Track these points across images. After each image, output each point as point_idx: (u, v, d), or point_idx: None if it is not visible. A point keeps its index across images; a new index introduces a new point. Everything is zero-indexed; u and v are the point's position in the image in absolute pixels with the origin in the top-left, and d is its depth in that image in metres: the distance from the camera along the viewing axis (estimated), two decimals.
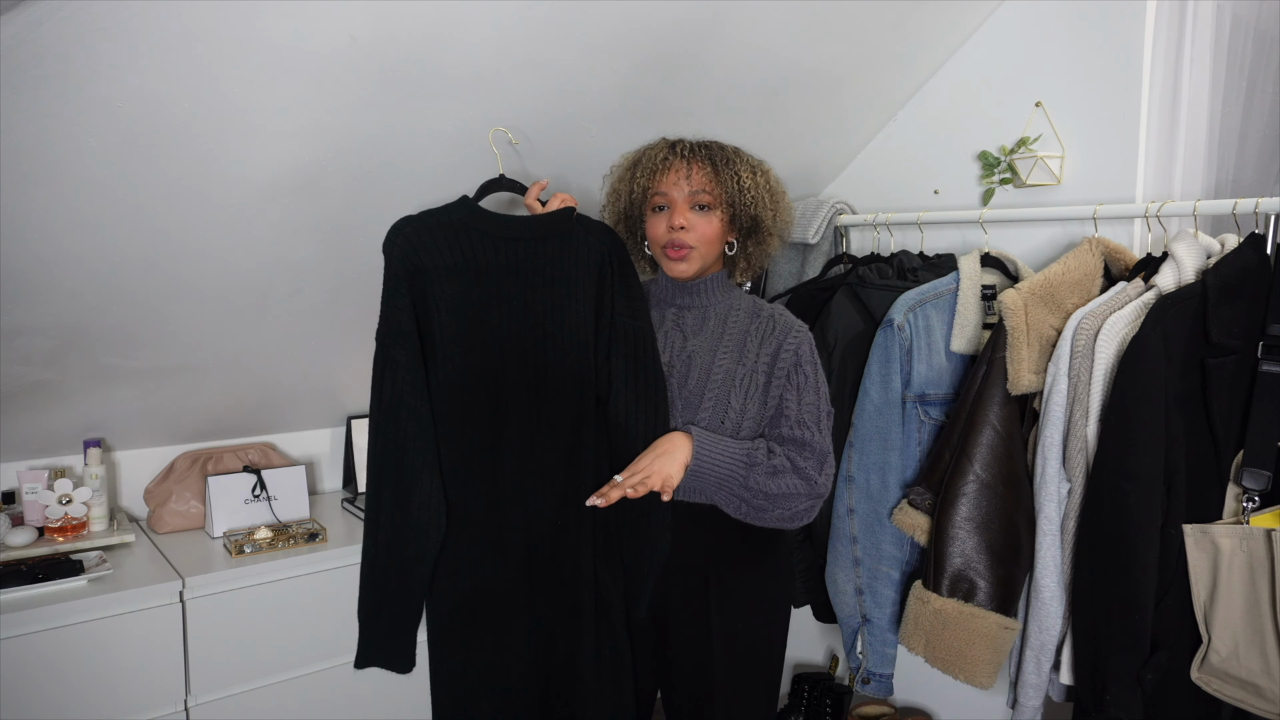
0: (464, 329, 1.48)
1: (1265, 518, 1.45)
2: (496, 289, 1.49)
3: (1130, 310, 1.60)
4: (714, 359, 1.55)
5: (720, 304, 1.60)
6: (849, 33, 1.88)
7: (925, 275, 2.03)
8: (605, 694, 1.56)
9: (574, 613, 1.53)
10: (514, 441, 1.49)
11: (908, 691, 2.34)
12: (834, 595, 1.96)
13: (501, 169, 1.62)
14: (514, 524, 1.50)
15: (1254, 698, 1.45)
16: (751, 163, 1.57)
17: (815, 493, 1.48)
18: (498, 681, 1.52)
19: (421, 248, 1.47)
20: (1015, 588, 1.73)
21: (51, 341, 1.66)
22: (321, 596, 1.84)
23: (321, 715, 1.86)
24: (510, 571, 1.51)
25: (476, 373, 1.48)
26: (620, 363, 1.53)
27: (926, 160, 2.23)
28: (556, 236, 1.54)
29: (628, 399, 1.52)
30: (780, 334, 1.54)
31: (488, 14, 1.45)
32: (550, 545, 1.52)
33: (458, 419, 1.48)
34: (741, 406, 1.52)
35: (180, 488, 2.01)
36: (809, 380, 1.52)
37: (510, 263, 1.51)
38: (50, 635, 1.56)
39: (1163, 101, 1.85)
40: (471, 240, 1.50)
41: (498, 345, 1.49)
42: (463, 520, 1.50)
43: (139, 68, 1.26)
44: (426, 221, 1.50)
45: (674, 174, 1.53)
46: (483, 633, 1.51)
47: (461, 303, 1.48)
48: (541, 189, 1.60)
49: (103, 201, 1.44)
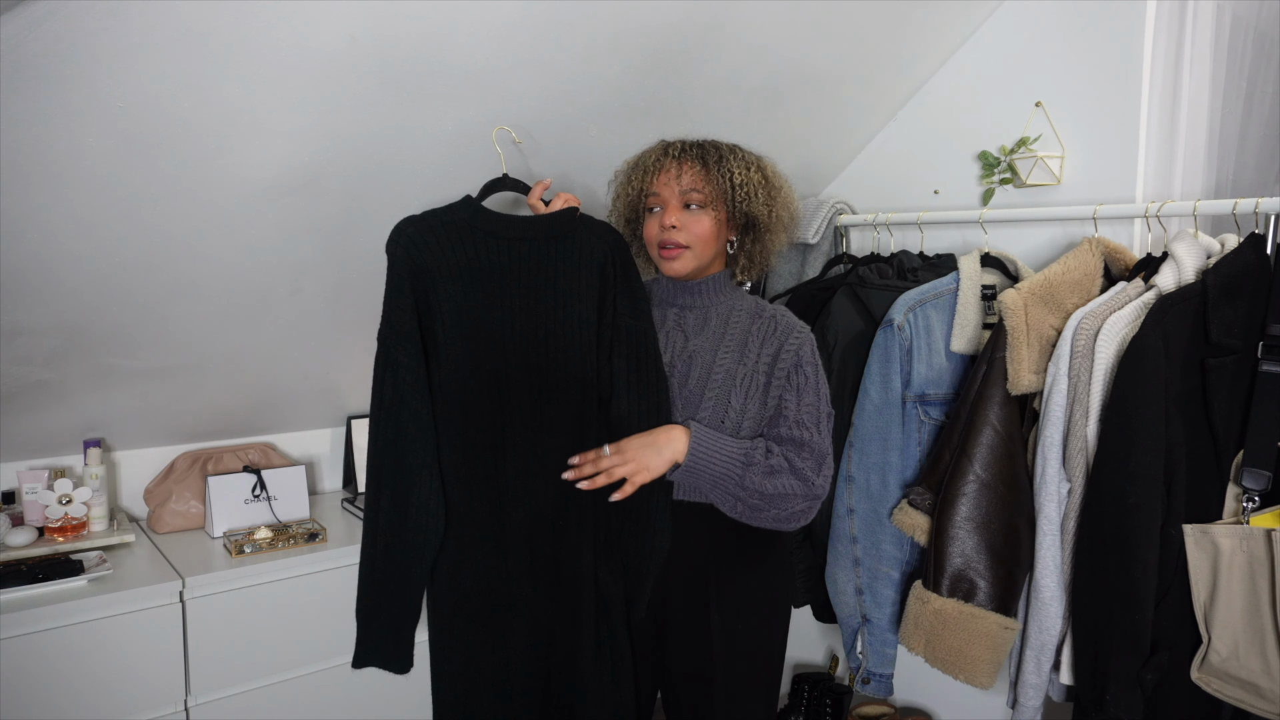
0: (466, 329, 1.48)
1: (1265, 518, 1.45)
2: (499, 289, 1.49)
3: (1130, 310, 1.60)
4: (715, 359, 1.55)
5: (722, 304, 1.60)
6: (849, 33, 1.88)
7: (925, 275, 2.03)
8: (606, 693, 1.56)
9: (575, 612, 1.53)
10: (516, 442, 1.49)
11: (908, 691, 2.34)
12: (834, 595, 1.96)
13: (505, 168, 1.62)
14: (515, 524, 1.50)
15: (1254, 698, 1.45)
16: (747, 159, 1.57)
17: (812, 494, 1.48)
18: (499, 681, 1.52)
19: (425, 247, 1.47)
20: (1015, 588, 1.73)
21: (51, 341, 1.66)
22: (321, 596, 1.83)
23: (321, 715, 1.86)
24: (512, 571, 1.51)
25: (478, 373, 1.48)
26: (622, 363, 1.53)
27: (926, 160, 2.23)
28: (559, 237, 1.54)
29: (629, 399, 1.52)
30: (781, 335, 1.54)
31: (488, 14, 1.45)
32: (551, 546, 1.52)
33: (459, 420, 1.48)
34: (742, 406, 1.52)
35: (180, 488, 2.01)
36: (809, 381, 1.52)
37: (513, 263, 1.51)
38: (50, 635, 1.56)
39: (1163, 101, 1.85)
40: (475, 240, 1.50)
41: (500, 346, 1.49)
42: (464, 521, 1.50)
43: (139, 68, 1.26)
44: (430, 221, 1.50)
45: (666, 174, 1.54)
46: (484, 633, 1.51)
47: (464, 303, 1.48)
48: (545, 188, 1.60)
49: (103, 201, 1.44)
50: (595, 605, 1.54)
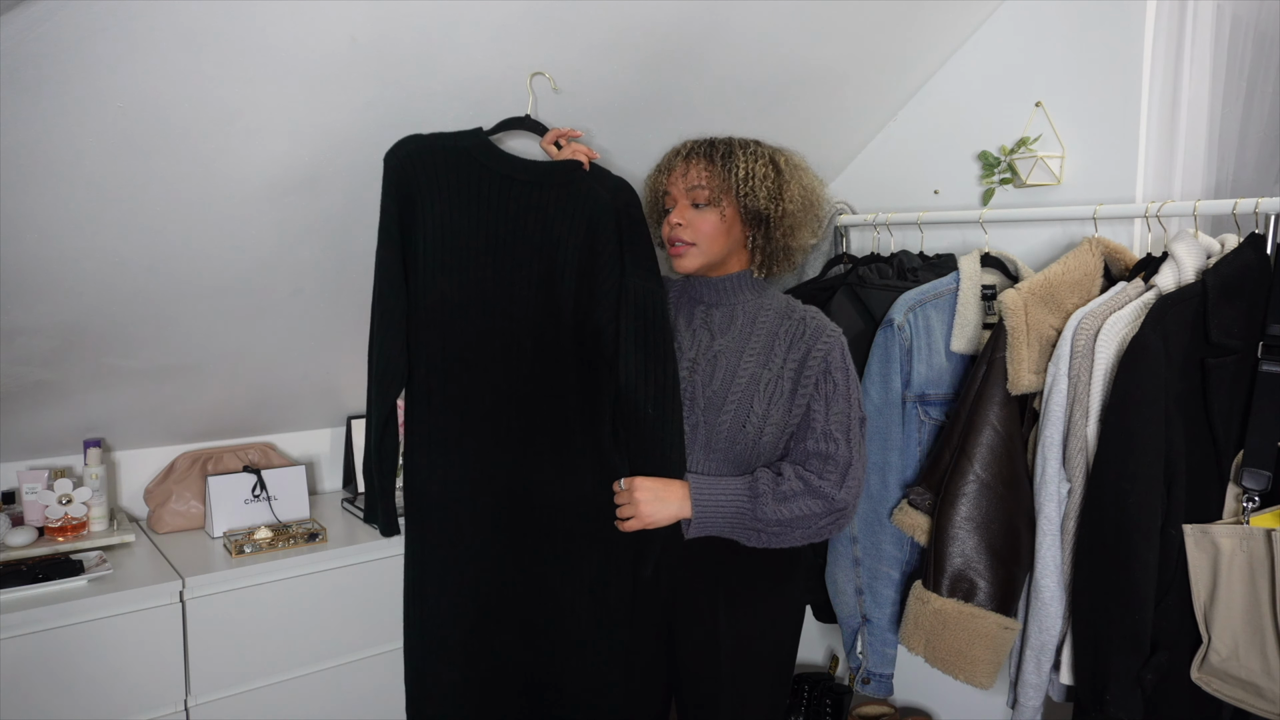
0: (443, 253, 1.54)
1: (1265, 518, 1.45)
2: (482, 220, 1.55)
3: (1130, 310, 1.60)
4: (740, 361, 1.53)
5: (750, 303, 1.58)
6: (849, 33, 1.88)
7: (925, 275, 2.03)
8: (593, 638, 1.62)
9: (547, 535, 1.61)
10: (484, 365, 1.56)
11: (908, 691, 2.34)
12: (834, 595, 1.96)
13: (529, 111, 1.63)
14: (481, 442, 1.59)
15: (1254, 698, 1.45)
16: (759, 152, 1.55)
17: (834, 509, 1.46)
18: (455, 584, 1.61)
19: (419, 165, 1.54)
20: (1015, 588, 1.73)
21: (51, 341, 1.66)
22: (321, 596, 1.84)
23: (321, 715, 1.86)
24: (474, 490, 1.59)
25: (450, 297, 1.55)
26: (629, 323, 1.53)
27: (926, 160, 2.23)
28: (556, 185, 1.56)
29: (634, 357, 1.52)
30: (810, 338, 1.51)
31: (488, 14, 1.45)
32: (515, 464, 1.60)
33: (435, 340, 1.56)
34: (764, 412, 1.49)
35: (180, 488, 2.01)
36: (839, 388, 1.49)
37: (502, 200, 1.55)
38: (50, 635, 1.56)
39: (1163, 101, 1.85)
40: (469, 169, 1.55)
41: (477, 274, 1.55)
42: (434, 437, 1.58)
43: (139, 68, 1.26)
44: (432, 142, 1.56)
45: (675, 173, 1.56)
46: (446, 544, 1.61)
47: (444, 227, 1.54)
48: (562, 135, 1.61)
49: (102, 201, 1.44)
50: (570, 532, 1.60)
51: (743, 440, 1.49)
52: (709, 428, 1.51)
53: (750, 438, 1.49)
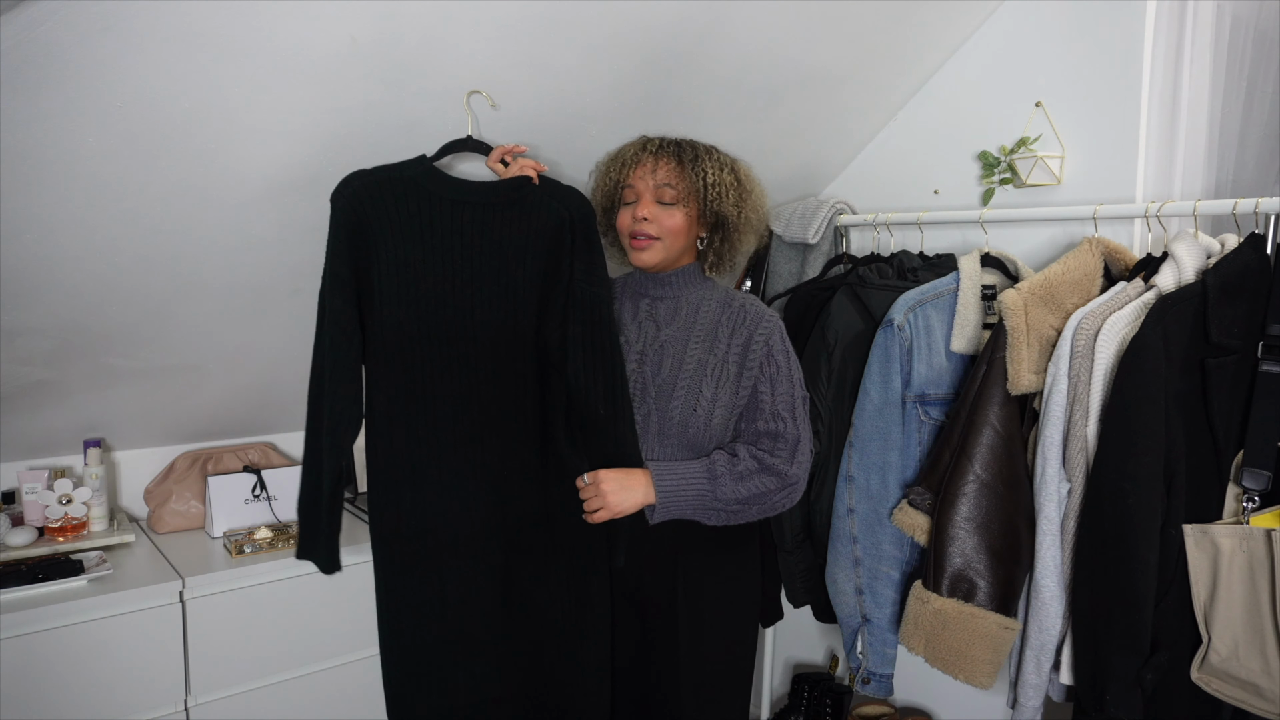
0: (400, 287, 1.52)
1: (1265, 518, 1.45)
2: (437, 250, 1.53)
3: (1130, 310, 1.60)
4: (686, 349, 1.60)
5: (692, 295, 1.66)
6: (849, 33, 1.88)
7: (925, 275, 2.03)
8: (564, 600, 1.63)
9: (526, 551, 1.60)
10: (452, 394, 1.55)
11: (908, 691, 2.34)
12: (834, 595, 1.96)
13: (470, 131, 1.62)
14: (454, 469, 1.58)
15: (1254, 698, 1.45)
16: (722, 160, 1.63)
17: (787, 484, 1.55)
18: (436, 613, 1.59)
19: (367, 200, 1.51)
20: (1015, 588, 1.73)
21: (51, 341, 1.66)
22: (321, 596, 1.83)
23: (321, 715, 1.86)
24: (449, 511, 1.57)
25: (409, 330, 1.53)
26: (576, 328, 1.57)
27: (926, 160, 2.23)
28: (507, 203, 1.56)
29: (584, 360, 1.56)
30: (751, 324, 1.59)
31: (488, 14, 1.45)
32: (493, 488, 1.59)
33: (399, 372, 1.54)
34: (713, 395, 1.56)
35: (180, 488, 2.01)
36: (781, 370, 1.58)
37: (455, 225, 1.54)
38: (50, 635, 1.56)
39: (1163, 101, 1.85)
40: (418, 199, 1.53)
41: (437, 304, 1.53)
42: (402, 463, 1.56)
43: (140, 67, 1.26)
44: (377, 176, 1.53)
45: (642, 168, 1.60)
46: (420, 569, 1.59)
47: (400, 261, 1.52)
48: (508, 152, 1.62)
49: (103, 201, 1.44)
50: (548, 548, 1.61)
51: (694, 424, 1.56)
52: (661, 415, 1.58)
53: (701, 421, 1.56)
